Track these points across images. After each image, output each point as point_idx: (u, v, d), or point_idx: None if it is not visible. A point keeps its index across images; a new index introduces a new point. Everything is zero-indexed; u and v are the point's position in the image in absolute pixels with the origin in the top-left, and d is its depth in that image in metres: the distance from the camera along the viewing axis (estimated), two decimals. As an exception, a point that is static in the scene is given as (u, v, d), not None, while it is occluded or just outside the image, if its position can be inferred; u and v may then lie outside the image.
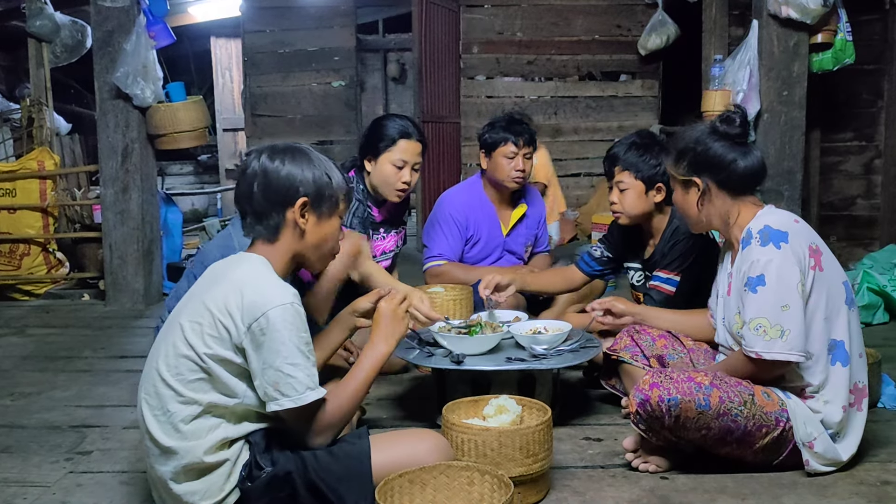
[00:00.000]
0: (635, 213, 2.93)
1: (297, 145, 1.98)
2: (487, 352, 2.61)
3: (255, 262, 1.90)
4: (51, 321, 4.54)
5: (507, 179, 3.61)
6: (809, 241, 2.21)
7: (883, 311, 4.09)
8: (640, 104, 7.29)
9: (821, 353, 2.21)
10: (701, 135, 2.32)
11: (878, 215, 5.46)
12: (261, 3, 7.65)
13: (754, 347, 2.16)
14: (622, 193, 2.92)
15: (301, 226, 1.92)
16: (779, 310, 2.13)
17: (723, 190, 2.30)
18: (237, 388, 1.83)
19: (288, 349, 1.77)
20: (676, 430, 2.15)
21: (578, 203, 7.23)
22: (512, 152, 3.55)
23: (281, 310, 1.77)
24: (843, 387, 2.22)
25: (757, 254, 2.17)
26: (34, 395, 3.16)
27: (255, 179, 1.90)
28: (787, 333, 2.12)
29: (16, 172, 5.18)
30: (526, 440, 2.07)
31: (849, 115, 5.40)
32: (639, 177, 2.90)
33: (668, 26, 6.59)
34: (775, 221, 2.21)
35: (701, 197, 2.32)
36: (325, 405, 1.87)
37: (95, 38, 4.67)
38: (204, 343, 1.80)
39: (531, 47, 7.23)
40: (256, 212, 1.92)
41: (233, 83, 10.59)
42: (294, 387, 1.77)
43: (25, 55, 5.92)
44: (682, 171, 2.34)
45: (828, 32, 4.31)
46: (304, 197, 1.91)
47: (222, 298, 1.80)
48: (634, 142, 2.95)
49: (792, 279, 2.14)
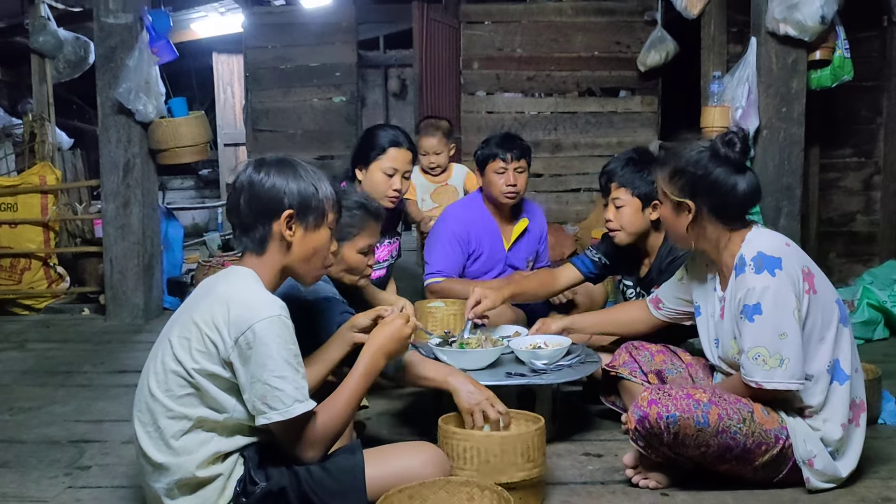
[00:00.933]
0: (632, 230, 2.92)
1: (286, 158, 1.97)
2: (487, 367, 2.61)
3: (242, 275, 1.89)
4: (51, 336, 4.54)
5: (499, 195, 3.63)
6: (802, 265, 2.20)
7: (883, 327, 4.08)
8: (640, 120, 7.31)
9: (819, 375, 2.20)
10: (701, 158, 2.26)
11: (877, 231, 5.46)
12: (262, 19, 7.70)
13: (754, 377, 2.15)
14: (618, 210, 2.91)
15: (287, 238, 1.91)
16: (777, 338, 2.12)
17: (715, 215, 2.27)
18: (226, 403, 1.82)
19: (275, 362, 1.76)
20: (675, 447, 2.15)
21: (578, 218, 7.24)
22: (501, 167, 3.58)
23: (268, 322, 1.76)
24: (843, 405, 2.22)
25: (752, 281, 2.15)
26: (33, 410, 3.16)
27: (242, 192, 1.91)
28: (786, 362, 2.11)
29: (17, 187, 5.20)
30: (526, 445, 2.09)
31: (848, 131, 5.41)
32: (636, 193, 2.89)
33: (668, 43, 6.62)
34: (768, 247, 2.19)
35: (693, 220, 2.29)
36: (316, 418, 1.85)
37: (98, 54, 4.70)
38: (192, 358, 1.80)
39: (531, 63, 7.26)
40: (243, 224, 1.92)
41: (234, 98, 10.64)
42: (282, 399, 1.76)
43: (28, 71, 5.96)
44: (676, 191, 2.29)
45: (826, 49, 4.33)
46: (290, 209, 1.90)
47: (209, 313, 1.80)
48: (631, 158, 2.95)
49: (788, 306, 2.12)
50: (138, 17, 4.59)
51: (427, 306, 3.31)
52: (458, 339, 2.73)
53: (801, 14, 4.01)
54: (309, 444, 1.85)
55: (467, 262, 3.70)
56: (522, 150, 3.62)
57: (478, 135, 7.24)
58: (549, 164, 7.33)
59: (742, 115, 4.24)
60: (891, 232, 5.36)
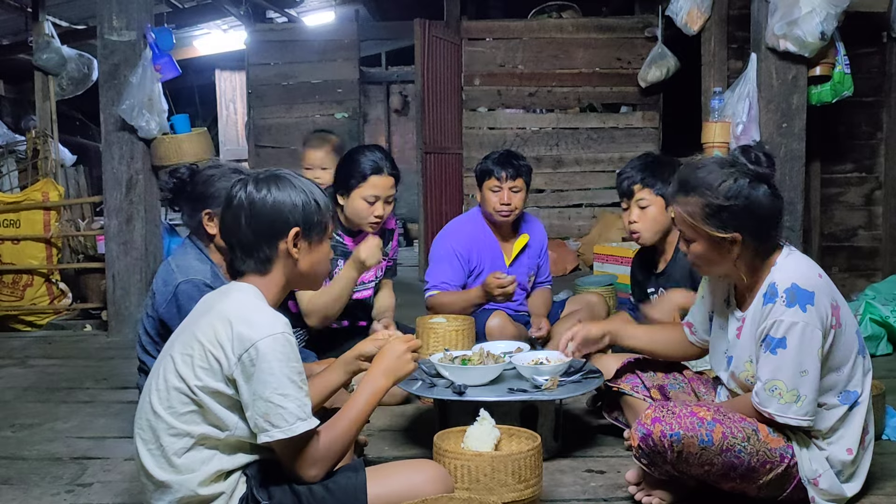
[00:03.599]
0: (658, 228, 2.98)
1: (279, 172, 1.94)
2: (489, 383, 2.61)
3: (245, 293, 1.87)
4: (53, 352, 4.53)
5: (493, 212, 3.65)
6: (832, 299, 2.16)
7: (886, 343, 4.07)
8: (641, 135, 7.34)
9: (831, 402, 2.19)
10: (739, 188, 2.12)
11: (879, 246, 5.46)
12: (265, 36, 7.74)
13: (767, 408, 2.13)
14: (643, 211, 2.96)
15: (294, 255, 1.90)
16: (797, 375, 2.09)
17: (756, 241, 2.17)
18: (228, 421, 1.81)
19: (278, 380, 1.75)
20: (679, 465, 2.13)
21: (580, 233, 7.25)
22: (496, 185, 3.58)
23: (271, 340, 1.75)
24: (851, 431, 2.21)
25: (781, 313, 2.09)
26: (35, 427, 3.15)
27: (241, 212, 1.87)
28: (802, 399, 2.09)
29: (20, 203, 5.21)
30: (518, 465, 2.07)
31: (848, 146, 5.43)
32: (658, 192, 2.95)
33: (668, 59, 6.66)
34: (802, 279, 2.11)
35: (741, 252, 2.17)
36: (319, 437, 1.84)
37: (102, 71, 4.72)
38: (195, 375, 1.79)
39: (532, 79, 7.30)
40: (245, 246, 1.88)
41: (237, 115, 10.69)
42: (284, 417, 1.75)
43: (32, 87, 6.01)
44: (719, 228, 2.13)
45: (826, 65, 4.35)
46: (296, 227, 1.88)
47: (212, 330, 1.79)
48: (647, 161, 3.03)
49: (814, 345, 2.08)
50: (141, 34, 4.62)
51: (428, 322, 3.31)
52: (483, 353, 2.73)
53: (801, 30, 4.03)
54: (311, 463, 1.84)
55: (469, 279, 3.70)
56: (518, 170, 3.60)
57: (479, 150, 7.27)
58: (550, 179, 7.35)
59: (743, 131, 4.25)
60: (893, 247, 5.36)
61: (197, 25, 9.18)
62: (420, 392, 2.60)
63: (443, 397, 2.55)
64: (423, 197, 6.44)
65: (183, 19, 8.43)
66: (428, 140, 6.47)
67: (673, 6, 5.20)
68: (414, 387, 2.62)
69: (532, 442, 2.19)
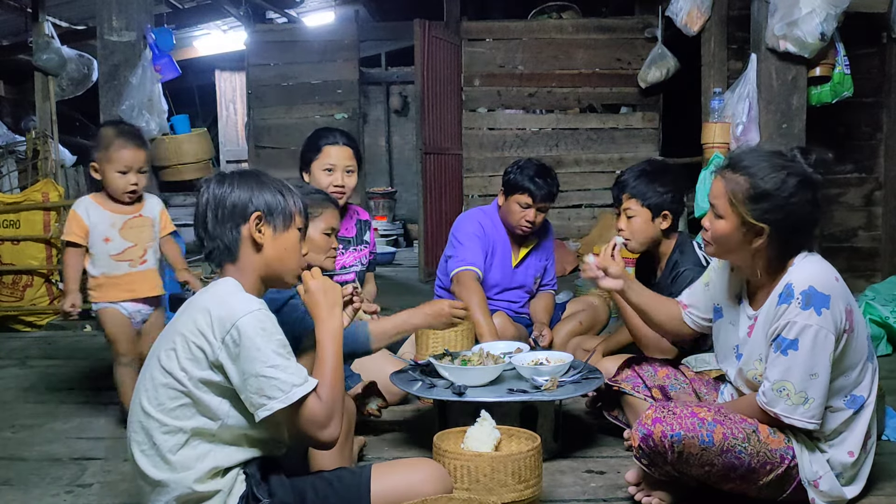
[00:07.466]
0: (641, 239, 2.99)
1: (249, 170, 2.01)
2: (489, 383, 2.61)
3: (222, 284, 1.90)
4: (52, 352, 4.53)
5: (514, 226, 3.63)
6: (846, 303, 2.15)
7: (886, 343, 4.08)
8: (641, 136, 7.34)
9: (837, 405, 2.19)
10: (788, 183, 2.13)
11: (879, 247, 5.46)
12: (265, 37, 7.74)
13: (774, 408, 2.13)
14: (629, 220, 2.98)
15: (258, 240, 1.92)
16: (807, 377, 2.08)
17: (784, 240, 2.17)
18: (219, 410, 1.81)
19: (264, 354, 1.76)
20: (679, 465, 2.13)
21: (580, 234, 7.25)
22: (527, 203, 3.55)
23: (250, 317, 1.77)
24: (854, 434, 2.21)
25: (795, 315, 2.09)
26: (35, 427, 3.16)
27: (207, 207, 1.93)
28: (810, 402, 2.09)
29: (20, 204, 5.21)
30: (518, 466, 2.07)
31: (848, 147, 5.43)
32: (645, 204, 2.96)
33: (668, 60, 6.66)
34: (819, 281, 2.11)
35: (765, 244, 2.17)
36: (319, 396, 1.82)
37: (102, 72, 4.72)
38: (180, 367, 1.80)
39: (532, 80, 7.30)
40: (212, 234, 1.93)
41: (236, 115, 10.70)
42: (279, 388, 1.76)
43: (32, 88, 6.00)
44: (756, 214, 2.13)
45: (826, 66, 4.35)
46: (258, 210, 1.91)
47: (192, 322, 1.81)
48: (644, 170, 3.02)
49: (826, 349, 2.08)
50: (141, 34, 4.62)
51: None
52: (482, 353, 2.75)
53: (801, 31, 4.03)
54: (323, 423, 1.82)
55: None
56: (552, 195, 3.58)
57: (479, 151, 7.28)
58: (550, 180, 7.33)
59: (743, 131, 4.26)
60: (892, 248, 5.36)
61: (197, 26, 9.18)
62: (420, 392, 2.61)
63: (443, 398, 2.55)
64: (422, 197, 6.43)
65: (183, 20, 8.43)
66: (428, 141, 6.47)
67: (673, 7, 5.20)
68: (414, 387, 2.62)
69: (532, 442, 2.19)
